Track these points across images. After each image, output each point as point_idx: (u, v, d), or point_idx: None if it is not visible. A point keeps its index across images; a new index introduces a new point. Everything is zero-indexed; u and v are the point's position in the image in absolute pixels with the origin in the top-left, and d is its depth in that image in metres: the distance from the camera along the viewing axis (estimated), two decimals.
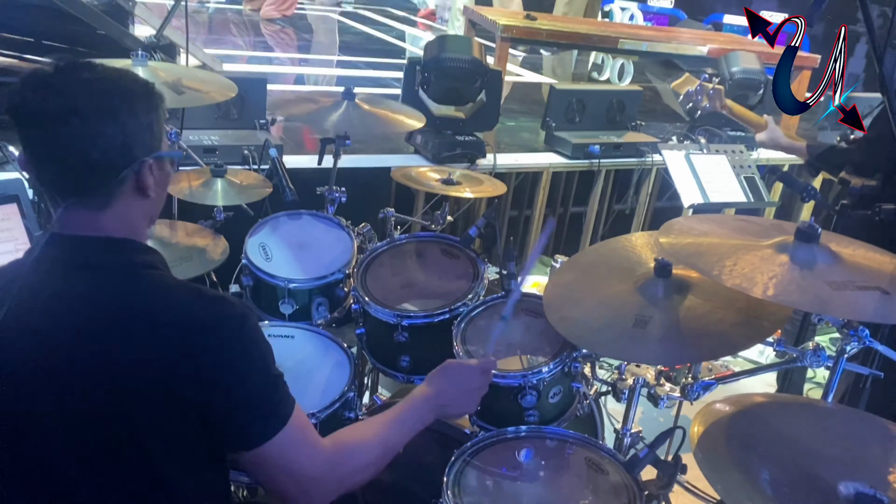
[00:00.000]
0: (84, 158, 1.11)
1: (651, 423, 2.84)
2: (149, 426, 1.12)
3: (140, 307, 1.13)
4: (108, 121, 1.11)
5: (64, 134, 1.10)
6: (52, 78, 1.12)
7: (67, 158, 1.12)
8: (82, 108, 1.10)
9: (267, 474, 1.19)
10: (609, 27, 5.54)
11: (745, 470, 1.26)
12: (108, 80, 1.14)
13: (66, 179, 1.15)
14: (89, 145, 1.11)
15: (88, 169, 1.12)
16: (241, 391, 1.14)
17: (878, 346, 1.60)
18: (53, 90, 1.10)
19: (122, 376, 1.10)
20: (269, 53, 6.26)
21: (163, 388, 1.10)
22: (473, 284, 1.95)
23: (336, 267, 2.06)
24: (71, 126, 1.09)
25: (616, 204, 4.08)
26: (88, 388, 1.10)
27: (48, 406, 1.11)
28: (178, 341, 1.11)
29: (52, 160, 1.13)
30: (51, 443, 1.12)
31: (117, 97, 1.13)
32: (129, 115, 1.14)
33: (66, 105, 1.09)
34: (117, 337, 1.10)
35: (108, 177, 1.14)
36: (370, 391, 2.38)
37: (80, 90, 1.11)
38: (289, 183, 2.32)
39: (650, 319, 1.56)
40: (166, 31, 3.72)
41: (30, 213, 1.92)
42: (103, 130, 1.11)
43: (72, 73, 1.13)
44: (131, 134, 1.14)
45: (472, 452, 1.55)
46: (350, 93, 2.39)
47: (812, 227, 1.48)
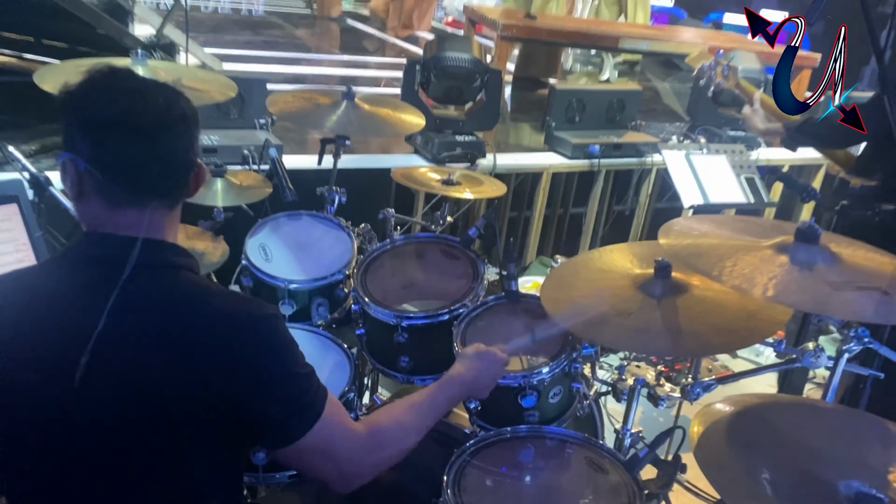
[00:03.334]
0: (180, 158, 1.18)
1: (651, 423, 2.84)
2: (184, 424, 1.13)
3: (179, 307, 1.15)
4: (191, 122, 1.19)
5: (165, 136, 1.15)
6: (135, 85, 1.16)
7: (165, 160, 1.16)
8: (177, 112, 1.16)
9: (307, 463, 1.24)
10: (609, 27, 5.54)
11: (745, 470, 1.26)
12: (165, 87, 1.19)
13: (154, 182, 1.17)
14: (186, 146, 1.18)
15: (179, 168, 1.19)
16: (279, 389, 1.17)
17: (878, 346, 1.60)
18: (149, 96, 1.15)
19: (160, 375, 1.11)
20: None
21: (199, 387, 1.12)
22: (473, 285, 1.95)
23: (336, 268, 2.06)
24: (172, 129, 1.16)
25: (616, 204, 4.08)
26: (127, 385, 1.11)
27: (89, 401, 1.12)
28: (215, 341, 1.13)
29: (148, 165, 1.15)
30: (90, 437, 1.13)
31: (182, 99, 1.19)
32: (192, 120, 1.20)
33: (169, 110, 1.15)
34: (155, 336, 1.12)
35: (188, 175, 1.21)
36: (370, 392, 2.38)
37: (163, 94, 1.16)
38: (289, 183, 2.32)
39: (648, 314, 1.56)
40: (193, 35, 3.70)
41: (30, 214, 1.92)
42: (190, 131, 1.19)
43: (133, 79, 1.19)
44: (195, 136, 1.21)
45: (473, 452, 1.55)
46: (350, 93, 2.38)
47: (812, 227, 1.48)
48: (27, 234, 1.88)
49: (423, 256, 2.11)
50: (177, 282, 1.18)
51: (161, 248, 1.19)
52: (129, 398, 1.11)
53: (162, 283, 1.17)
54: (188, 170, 1.20)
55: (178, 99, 1.18)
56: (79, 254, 1.19)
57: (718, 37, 5.81)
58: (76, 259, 1.18)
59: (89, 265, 1.16)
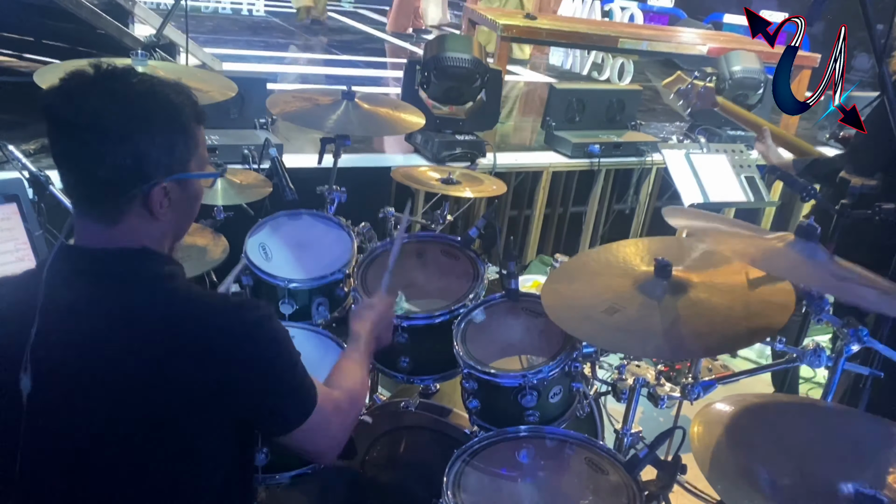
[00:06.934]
0: (90, 173, 1.11)
1: (651, 423, 2.84)
2: (188, 431, 1.13)
3: (159, 317, 1.13)
4: (118, 140, 1.09)
5: (77, 146, 1.10)
6: (85, 85, 1.10)
7: (76, 170, 1.12)
8: (96, 125, 1.08)
9: (307, 443, 1.27)
10: (609, 27, 5.53)
11: (745, 470, 1.26)
12: (137, 96, 1.12)
13: (76, 189, 1.14)
14: (97, 162, 1.09)
15: (95, 184, 1.12)
16: (273, 389, 1.19)
17: (877, 345, 1.60)
18: (77, 99, 1.08)
19: (150, 390, 1.10)
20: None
21: (192, 398, 1.11)
22: (473, 285, 1.95)
23: (336, 267, 2.06)
24: (83, 141, 1.09)
25: (616, 203, 4.08)
26: (120, 401, 1.10)
27: (80, 417, 1.11)
28: (202, 351, 1.11)
29: (65, 167, 1.13)
30: (86, 453, 1.12)
31: (138, 117, 1.11)
32: (145, 135, 1.11)
33: (82, 119, 1.08)
34: (139, 349, 1.10)
35: (115, 194, 1.12)
36: (370, 391, 2.38)
37: (103, 104, 1.09)
38: (289, 182, 2.32)
39: (650, 313, 1.56)
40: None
41: (30, 213, 1.92)
42: (112, 150, 1.09)
43: (104, 83, 1.11)
44: (144, 155, 1.11)
45: (473, 452, 1.55)
46: (350, 93, 2.38)
47: (812, 225, 1.49)
48: (27, 233, 1.88)
49: (423, 256, 2.11)
50: (162, 293, 1.15)
51: (139, 257, 1.16)
52: (124, 411, 1.10)
53: (145, 295, 1.14)
54: (111, 184, 1.11)
55: (104, 108, 1.08)
56: (43, 265, 1.15)
57: (718, 37, 5.80)
58: (41, 270, 1.15)
59: (54, 276, 1.13)
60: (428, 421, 1.91)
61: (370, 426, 1.86)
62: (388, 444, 1.93)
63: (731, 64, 3.85)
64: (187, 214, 1.25)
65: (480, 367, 1.67)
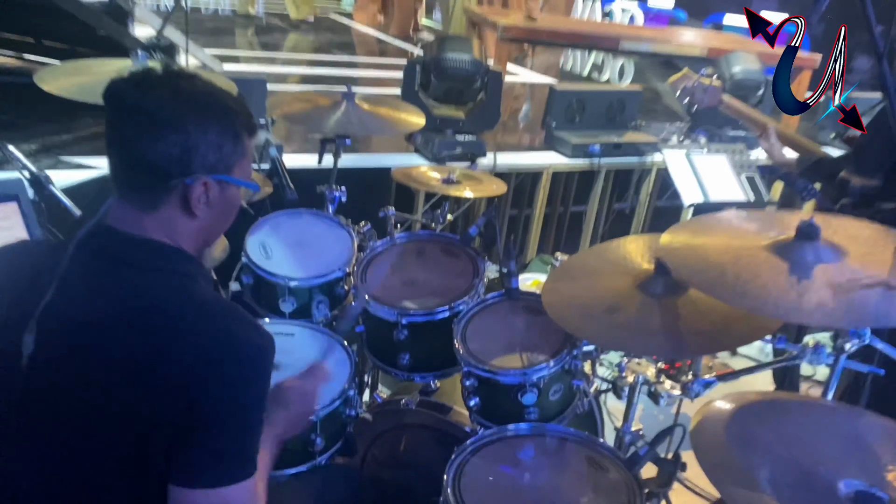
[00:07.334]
0: (139, 158, 1.14)
1: (651, 420, 2.84)
2: (151, 428, 1.11)
3: (162, 311, 1.13)
4: (171, 130, 1.13)
5: (133, 130, 1.14)
6: (152, 78, 1.15)
7: (127, 153, 1.16)
8: (155, 113, 1.13)
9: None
10: (609, 28, 5.54)
11: (745, 468, 1.26)
12: (198, 94, 1.17)
13: (122, 172, 1.18)
14: (148, 147, 1.13)
15: (141, 168, 1.15)
16: (216, 419, 1.11)
17: (878, 343, 1.60)
18: (144, 88, 1.14)
19: (131, 377, 1.10)
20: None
21: (165, 394, 1.10)
22: (474, 282, 1.95)
23: (336, 265, 2.06)
24: (140, 125, 1.13)
25: (616, 203, 4.08)
26: (105, 380, 1.11)
27: (71, 387, 1.13)
28: (192, 354, 1.10)
29: (116, 150, 1.17)
30: (65, 425, 1.14)
31: (194, 112, 1.15)
32: (197, 128, 1.15)
33: (144, 105, 1.13)
34: (135, 339, 1.11)
35: (157, 181, 1.16)
36: (370, 389, 2.39)
37: (165, 96, 1.14)
38: (289, 182, 2.32)
39: (649, 311, 1.56)
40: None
41: (30, 213, 1.92)
42: (165, 137, 1.13)
43: (170, 79, 1.16)
44: (193, 148, 1.15)
45: (473, 450, 1.55)
46: (350, 93, 2.39)
47: (812, 225, 1.48)
48: (27, 232, 1.88)
49: (423, 254, 2.11)
50: (175, 289, 1.17)
51: (165, 250, 1.18)
52: (107, 393, 1.11)
53: (157, 287, 1.15)
54: (156, 170, 1.14)
55: (165, 97, 1.13)
56: (81, 242, 1.18)
57: (718, 38, 5.81)
58: (68, 241, 1.19)
59: (80, 250, 1.17)
60: (428, 419, 1.91)
61: (371, 424, 1.86)
62: (388, 442, 1.93)
63: (731, 65, 3.85)
64: (221, 219, 1.26)
65: (481, 365, 1.67)
